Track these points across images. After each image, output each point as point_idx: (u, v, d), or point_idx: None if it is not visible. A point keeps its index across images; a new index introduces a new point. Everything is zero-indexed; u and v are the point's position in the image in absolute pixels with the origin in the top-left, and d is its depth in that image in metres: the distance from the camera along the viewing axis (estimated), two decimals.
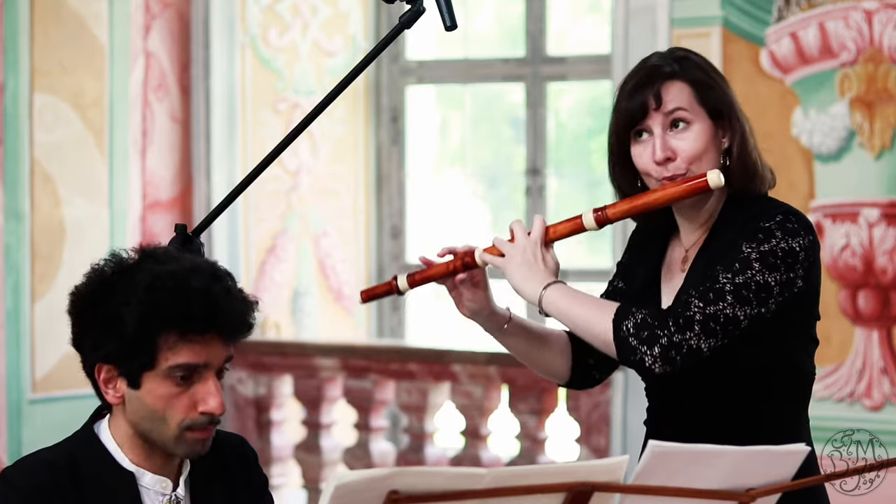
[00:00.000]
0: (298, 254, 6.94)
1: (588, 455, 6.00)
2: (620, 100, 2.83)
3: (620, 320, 2.73)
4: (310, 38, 6.94)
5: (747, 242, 2.72)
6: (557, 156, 6.91)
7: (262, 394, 6.65)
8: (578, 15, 7.25)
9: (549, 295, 2.80)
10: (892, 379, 5.52)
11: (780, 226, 2.73)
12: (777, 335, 2.78)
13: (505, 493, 2.01)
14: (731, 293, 2.69)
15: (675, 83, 2.80)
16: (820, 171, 5.62)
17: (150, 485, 2.48)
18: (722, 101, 2.82)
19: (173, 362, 2.39)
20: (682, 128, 2.79)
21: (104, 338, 2.41)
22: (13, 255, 6.02)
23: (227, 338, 2.43)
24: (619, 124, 2.83)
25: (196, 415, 2.42)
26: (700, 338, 2.69)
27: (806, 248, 2.74)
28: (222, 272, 2.45)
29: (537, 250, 2.83)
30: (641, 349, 2.71)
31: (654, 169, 2.80)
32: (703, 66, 2.84)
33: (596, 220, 2.82)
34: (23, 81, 6.03)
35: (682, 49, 2.90)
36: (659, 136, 2.78)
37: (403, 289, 2.98)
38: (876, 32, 5.52)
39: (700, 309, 2.69)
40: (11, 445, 5.97)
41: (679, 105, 2.78)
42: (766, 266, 2.71)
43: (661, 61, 2.83)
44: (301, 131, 2.85)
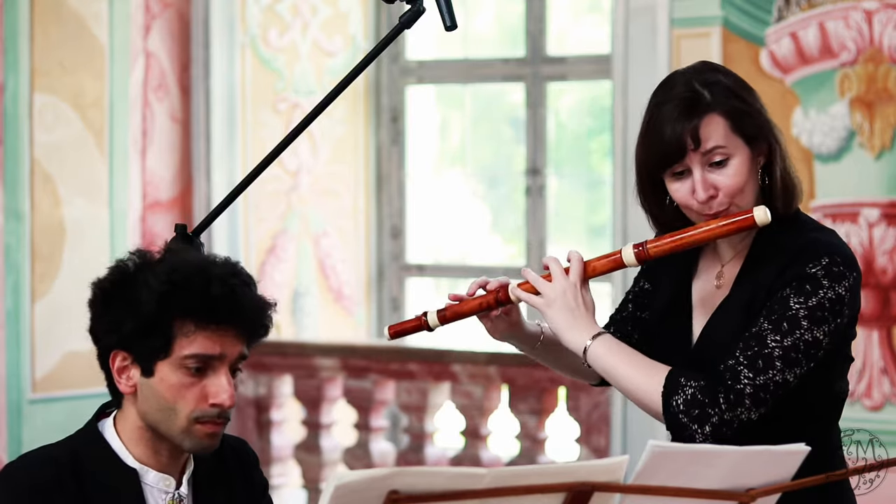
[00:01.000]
0: (298, 254, 6.94)
1: (588, 455, 6.00)
2: (651, 132, 2.72)
3: (670, 395, 2.66)
4: (310, 38, 6.94)
5: (795, 296, 2.65)
6: (557, 156, 6.90)
7: (262, 394, 6.65)
8: (578, 15, 7.25)
9: (594, 349, 2.71)
10: (892, 379, 5.52)
11: (826, 272, 2.66)
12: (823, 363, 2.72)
13: (505, 493, 2.01)
14: (781, 358, 2.64)
15: (711, 118, 2.69)
16: (820, 171, 5.62)
17: (154, 482, 2.48)
18: (758, 125, 2.72)
19: (188, 351, 2.40)
20: (721, 162, 2.69)
21: (121, 319, 2.41)
22: (13, 255, 6.02)
23: (244, 332, 2.43)
24: (653, 162, 2.73)
25: (206, 406, 2.43)
26: (751, 410, 2.64)
27: (851, 288, 2.69)
28: (243, 271, 2.47)
29: (577, 294, 2.74)
30: (692, 426, 2.64)
31: (695, 205, 2.71)
32: (734, 88, 2.73)
33: (636, 257, 2.73)
34: (23, 81, 6.03)
35: (708, 67, 2.79)
36: (699, 176, 2.69)
37: (434, 325, 2.91)
38: (876, 32, 5.52)
39: (750, 380, 2.63)
40: (11, 445, 5.97)
41: (717, 143, 2.68)
42: (815, 322, 2.65)
43: (690, 91, 2.71)
44: (301, 131, 2.85)
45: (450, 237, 7.41)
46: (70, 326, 5.88)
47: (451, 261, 7.34)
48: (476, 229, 7.41)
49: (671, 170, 2.71)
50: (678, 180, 2.72)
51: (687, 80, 2.74)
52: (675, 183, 2.73)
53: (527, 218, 6.82)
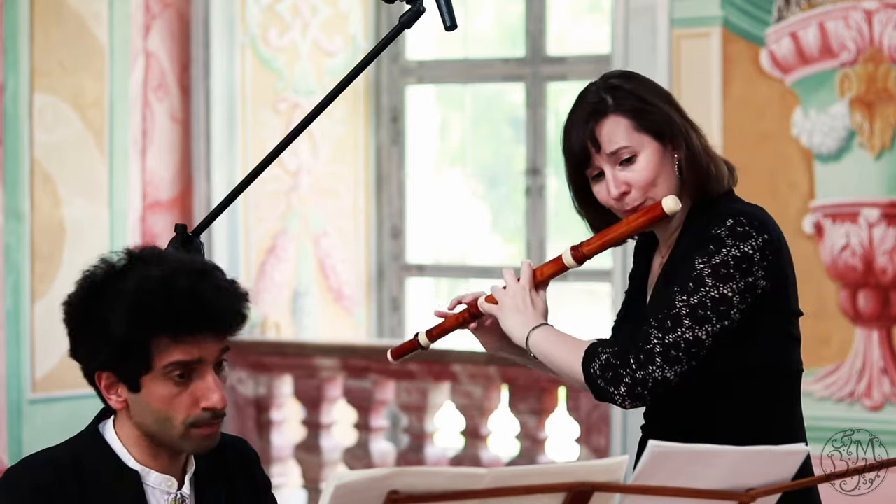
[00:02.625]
0: (298, 254, 6.94)
1: (588, 455, 6.00)
2: (564, 142, 2.90)
3: (588, 363, 2.81)
4: (310, 38, 6.94)
5: (699, 257, 2.76)
6: (557, 156, 6.88)
7: (262, 394, 6.65)
8: (578, 15, 7.25)
9: (533, 338, 2.88)
10: (892, 379, 5.52)
11: (730, 231, 2.76)
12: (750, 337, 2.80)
13: (505, 493, 2.01)
14: (688, 316, 2.73)
15: (608, 119, 2.84)
16: (820, 171, 5.62)
17: (156, 483, 2.48)
18: (660, 121, 2.84)
19: (168, 361, 2.40)
20: (629, 160, 2.83)
21: (97, 345, 2.42)
22: (13, 255, 6.02)
23: (220, 332, 2.44)
24: (570, 168, 2.90)
25: (199, 411, 2.43)
26: (664, 368, 2.74)
27: (761, 248, 2.76)
28: (209, 267, 2.46)
29: (526, 296, 2.92)
30: (609, 389, 2.78)
31: (614, 203, 2.86)
32: (635, 91, 2.86)
33: (574, 258, 2.91)
34: (23, 81, 6.03)
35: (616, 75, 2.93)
36: (609, 174, 2.84)
37: (426, 344, 3.08)
38: (876, 32, 5.52)
39: (659, 339, 2.74)
40: (11, 445, 5.97)
41: (619, 144, 2.83)
42: (720, 279, 2.74)
43: (593, 97, 2.87)
44: (301, 131, 2.85)
45: (450, 237, 7.41)
46: None
47: (451, 261, 7.34)
48: (476, 229, 7.41)
49: (588, 174, 2.88)
50: (597, 182, 2.88)
51: (595, 88, 2.91)
52: (595, 185, 2.89)
53: (527, 218, 6.82)
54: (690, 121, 2.90)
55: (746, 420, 2.81)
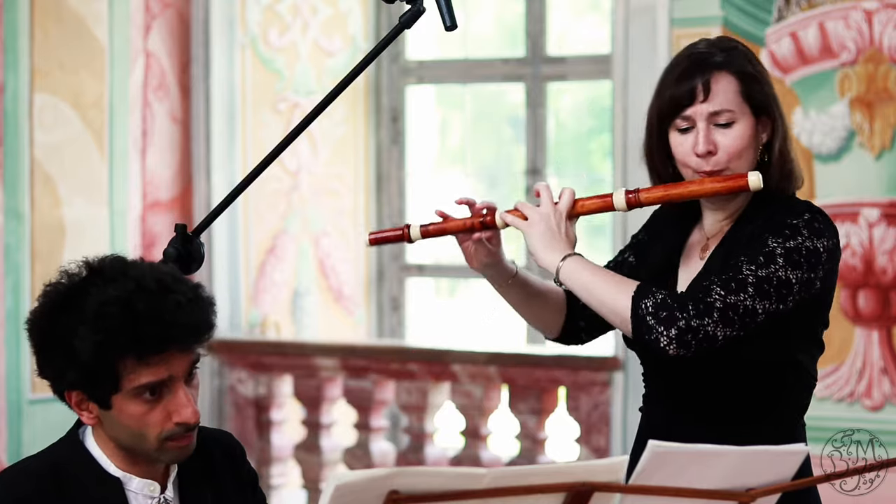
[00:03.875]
0: (298, 254, 6.94)
1: (588, 455, 6.00)
2: (666, 85, 2.84)
3: (640, 298, 2.73)
4: (310, 38, 6.94)
5: (773, 237, 2.73)
6: (557, 156, 6.90)
7: (262, 394, 6.65)
8: (578, 15, 7.25)
9: (567, 266, 2.81)
10: (892, 379, 5.52)
11: (807, 224, 2.75)
12: (785, 333, 2.79)
13: (505, 493, 2.01)
14: (753, 285, 2.70)
15: (723, 75, 2.80)
16: (820, 171, 5.62)
17: (138, 489, 2.47)
18: (766, 95, 2.83)
19: (136, 383, 2.37)
20: (727, 124, 2.79)
21: (63, 368, 2.39)
22: (13, 255, 6.02)
23: (187, 347, 2.40)
24: (663, 109, 2.83)
25: (172, 426, 2.40)
26: (717, 325, 2.70)
27: (829, 250, 2.77)
28: (170, 281, 2.40)
29: (562, 221, 2.86)
30: (658, 329, 2.70)
31: (693, 160, 2.81)
32: (750, 58, 2.85)
33: (627, 202, 2.84)
34: (23, 81, 6.03)
35: (730, 39, 2.91)
36: (703, 129, 2.79)
37: (415, 238, 2.99)
38: (876, 32, 5.52)
39: (721, 297, 2.70)
40: (11, 445, 5.97)
41: (724, 104, 2.79)
42: (790, 263, 2.72)
43: (709, 49, 2.83)
44: (301, 131, 2.85)
45: (450, 237, 7.39)
46: None
47: (451, 261, 7.34)
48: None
49: (677, 122, 2.81)
50: (682, 134, 2.82)
51: (708, 42, 2.87)
52: (678, 137, 2.82)
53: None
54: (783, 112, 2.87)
55: (754, 411, 2.81)
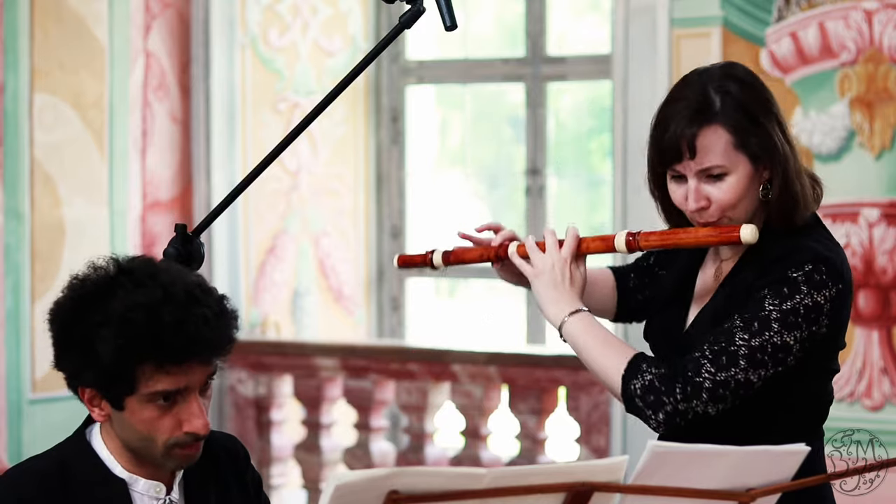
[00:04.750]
0: (298, 254, 6.94)
1: (588, 455, 6.00)
2: (657, 129, 2.75)
3: (629, 379, 2.70)
4: (310, 38, 6.94)
5: (771, 298, 2.65)
6: (557, 156, 6.90)
7: (262, 394, 6.65)
8: (578, 15, 7.25)
9: (569, 326, 2.78)
10: (892, 379, 5.52)
11: (807, 278, 2.66)
12: (799, 370, 2.73)
13: (505, 493, 2.01)
14: (745, 357, 2.64)
15: (713, 128, 2.69)
16: (820, 171, 5.57)
17: (144, 490, 2.47)
18: (762, 145, 2.71)
19: (152, 389, 2.37)
20: (718, 177, 2.71)
21: (82, 366, 2.39)
22: (13, 255, 6.02)
23: (206, 360, 2.40)
24: (655, 159, 2.77)
25: (181, 434, 2.40)
26: (707, 404, 2.66)
27: (832, 299, 2.68)
28: (198, 292, 2.39)
29: (566, 269, 2.81)
30: (647, 412, 2.68)
31: (686, 209, 2.75)
32: (745, 102, 2.71)
33: (627, 245, 2.81)
34: (23, 81, 6.03)
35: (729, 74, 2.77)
36: (693, 186, 2.72)
37: (438, 265, 3.03)
38: (876, 32, 5.52)
39: (711, 375, 2.64)
40: (11, 445, 5.96)
41: (714, 161, 2.69)
42: (786, 326, 2.65)
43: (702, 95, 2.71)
44: (301, 131, 2.85)
45: (450, 237, 7.39)
46: None
47: None
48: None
49: (670, 171, 2.76)
50: (675, 182, 2.76)
51: (703, 82, 2.75)
52: (673, 184, 2.77)
53: (527, 218, 6.81)
54: (791, 140, 2.77)
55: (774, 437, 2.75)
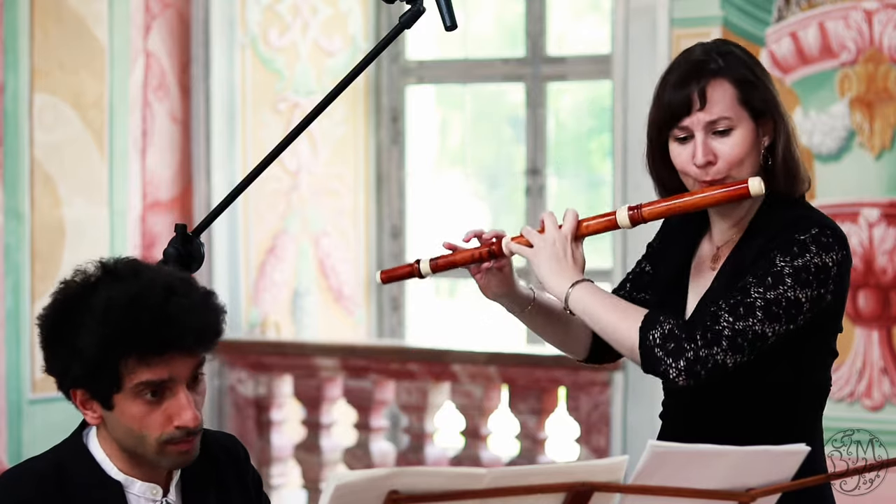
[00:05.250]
0: (298, 254, 6.94)
1: (588, 455, 6.00)
2: (663, 92, 2.79)
3: (647, 329, 2.71)
4: (310, 38, 6.94)
5: (781, 255, 2.70)
6: (557, 156, 6.91)
7: (262, 394, 6.65)
8: (578, 15, 7.25)
9: (575, 293, 2.78)
10: (892, 379, 5.52)
11: (814, 240, 2.71)
12: (799, 348, 2.76)
13: (505, 493, 2.01)
14: (762, 309, 2.67)
15: (719, 81, 2.75)
16: (820, 171, 5.62)
17: (140, 493, 2.46)
18: (765, 100, 2.78)
19: (136, 381, 2.37)
20: (725, 132, 2.75)
21: (68, 364, 2.40)
22: (13, 255, 6.02)
23: (190, 351, 2.39)
24: (661, 119, 2.79)
25: (172, 429, 2.40)
26: (727, 353, 2.67)
27: (839, 263, 2.73)
28: (180, 283, 2.40)
29: (567, 245, 2.82)
30: (667, 361, 2.68)
31: (692, 171, 2.77)
32: (747, 62, 2.80)
33: (630, 219, 2.81)
34: (23, 81, 6.03)
35: (726, 42, 2.86)
36: (700, 140, 2.75)
37: (426, 273, 2.97)
38: (876, 32, 5.52)
39: (729, 324, 2.67)
40: (11, 445, 5.97)
41: (722, 112, 2.74)
42: (799, 282, 2.68)
43: (705, 56, 2.79)
44: (301, 131, 2.85)
45: (450, 237, 7.39)
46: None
47: None
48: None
49: (675, 132, 2.78)
50: (681, 144, 2.78)
51: (704, 47, 2.82)
52: (677, 147, 2.79)
53: (527, 218, 6.81)
54: (787, 112, 2.83)
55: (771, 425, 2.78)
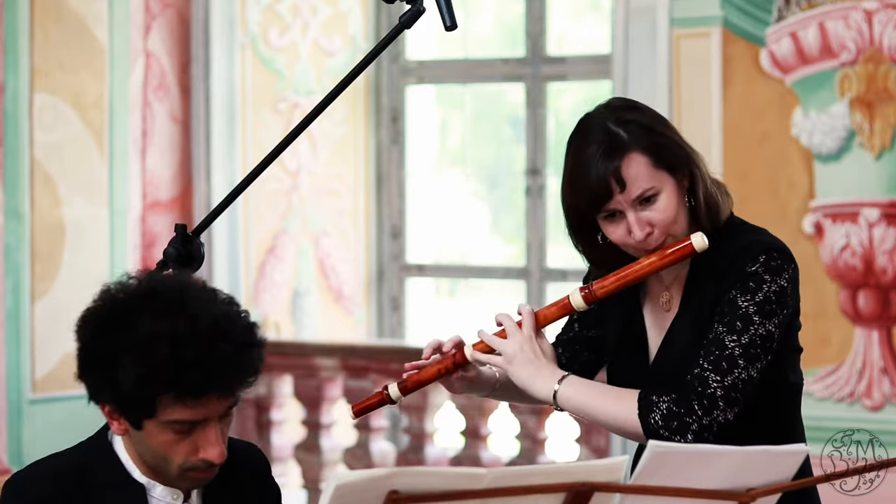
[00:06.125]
0: (298, 254, 6.94)
1: (588, 455, 6.00)
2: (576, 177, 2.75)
3: (646, 414, 2.72)
4: (310, 38, 6.94)
5: (741, 296, 2.73)
6: (557, 156, 6.90)
7: (262, 394, 6.65)
8: (578, 15, 7.25)
9: (563, 392, 2.77)
10: (892, 379, 5.52)
11: (766, 267, 2.74)
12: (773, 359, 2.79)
13: (505, 493, 2.01)
14: (742, 356, 2.71)
15: (631, 157, 2.72)
16: (820, 171, 5.62)
17: (161, 496, 2.46)
18: (674, 155, 2.76)
19: (170, 417, 2.36)
20: (651, 199, 2.74)
21: (103, 386, 2.38)
22: (13, 255, 6.02)
23: (228, 393, 2.38)
24: (582, 205, 2.76)
25: (196, 460, 2.39)
26: (726, 411, 2.70)
27: (791, 280, 2.77)
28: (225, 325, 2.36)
29: (534, 345, 2.80)
30: (675, 438, 2.70)
31: (632, 243, 2.76)
32: (648, 123, 2.77)
33: (584, 300, 2.80)
34: (23, 81, 6.03)
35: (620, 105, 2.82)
36: (633, 217, 2.73)
37: (396, 398, 3.01)
38: (876, 32, 5.52)
39: (719, 383, 2.70)
40: (11, 445, 5.96)
41: (644, 186, 2.72)
42: (765, 315, 2.72)
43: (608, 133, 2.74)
44: (301, 131, 2.84)
45: (450, 237, 7.41)
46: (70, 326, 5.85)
47: (451, 261, 7.34)
48: (476, 229, 7.41)
49: (602, 213, 2.76)
50: (611, 222, 2.76)
51: (602, 122, 2.78)
52: (609, 225, 2.77)
53: (527, 218, 6.82)
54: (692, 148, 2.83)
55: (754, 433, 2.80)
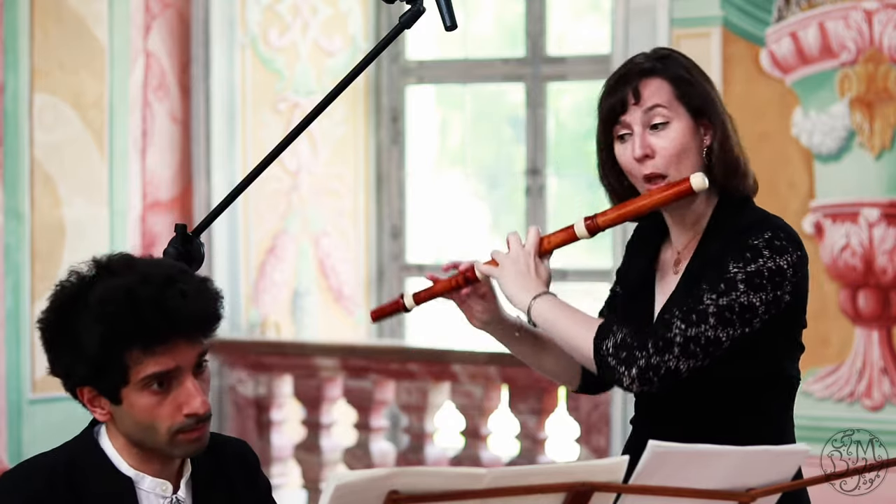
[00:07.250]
0: (298, 254, 6.94)
1: (588, 455, 6.00)
2: (602, 97, 2.89)
3: (601, 339, 2.77)
4: (310, 38, 6.94)
5: (734, 262, 2.74)
6: (557, 156, 6.91)
7: (262, 394, 6.65)
8: (578, 15, 7.25)
9: (537, 306, 2.84)
10: (892, 379, 5.52)
11: (768, 244, 2.75)
12: (763, 346, 2.80)
13: (505, 493, 2.01)
14: (715, 315, 2.72)
15: (654, 79, 2.83)
16: (820, 171, 5.62)
17: (150, 488, 2.47)
18: (702, 97, 2.84)
19: (143, 374, 2.38)
20: (662, 126, 2.82)
21: (73, 363, 2.41)
22: (13, 255, 6.02)
23: (193, 337, 2.41)
24: (601, 120, 2.88)
25: (182, 418, 2.40)
26: (679, 359, 2.72)
27: (794, 265, 2.76)
28: (177, 271, 2.42)
29: (530, 261, 2.88)
30: (619, 370, 2.74)
31: (634, 167, 2.83)
32: (684, 63, 2.87)
33: (587, 228, 2.87)
34: (23, 81, 6.03)
35: (666, 49, 2.94)
36: (638, 133, 2.82)
37: (410, 306, 3.08)
38: (876, 32, 5.52)
39: (681, 331, 2.72)
40: (11, 445, 5.97)
41: (657, 102, 2.82)
42: (752, 287, 2.73)
43: (642, 59, 2.88)
44: (301, 131, 2.85)
45: (450, 237, 7.41)
46: None
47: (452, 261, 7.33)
48: (476, 229, 7.41)
49: (617, 129, 2.85)
50: (622, 143, 2.86)
51: (645, 54, 2.91)
52: (620, 147, 2.86)
53: (527, 218, 6.82)
54: (727, 112, 2.89)
55: (741, 423, 2.81)
